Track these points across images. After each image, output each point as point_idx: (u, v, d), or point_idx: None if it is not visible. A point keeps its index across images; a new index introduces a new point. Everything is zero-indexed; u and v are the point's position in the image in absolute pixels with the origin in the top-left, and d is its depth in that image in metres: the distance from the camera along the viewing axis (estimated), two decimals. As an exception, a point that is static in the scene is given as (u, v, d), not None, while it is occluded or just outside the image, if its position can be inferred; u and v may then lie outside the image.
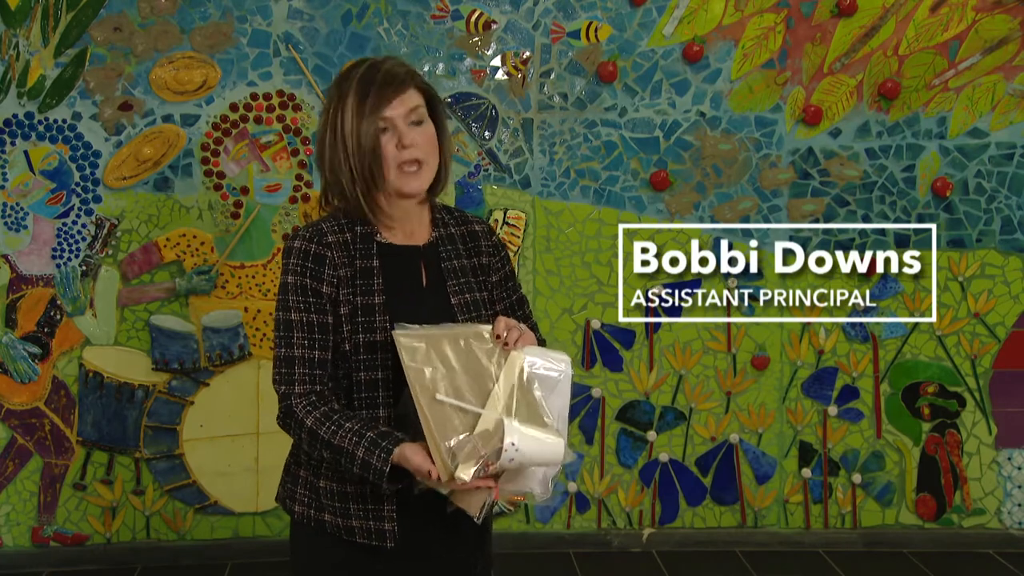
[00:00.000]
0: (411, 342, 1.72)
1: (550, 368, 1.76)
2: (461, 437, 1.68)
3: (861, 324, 3.87)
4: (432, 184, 1.91)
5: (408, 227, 1.92)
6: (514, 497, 1.76)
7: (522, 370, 1.73)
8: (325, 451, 1.78)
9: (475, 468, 1.65)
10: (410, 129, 1.83)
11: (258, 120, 3.66)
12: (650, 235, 3.82)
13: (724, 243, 3.83)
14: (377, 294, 1.84)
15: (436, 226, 1.95)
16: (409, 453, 1.71)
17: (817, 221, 3.84)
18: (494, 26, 3.71)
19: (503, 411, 1.70)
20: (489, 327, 1.77)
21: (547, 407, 1.73)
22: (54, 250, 3.64)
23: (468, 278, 1.92)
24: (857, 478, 3.91)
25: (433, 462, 1.68)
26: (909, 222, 3.84)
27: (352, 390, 1.84)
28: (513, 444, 1.64)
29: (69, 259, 3.65)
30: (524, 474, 1.71)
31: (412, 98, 1.84)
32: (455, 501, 1.75)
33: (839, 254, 3.85)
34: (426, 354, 1.72)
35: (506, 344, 1.75)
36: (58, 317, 3.66)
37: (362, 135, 1.80)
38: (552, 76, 3.75)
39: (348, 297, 1.84)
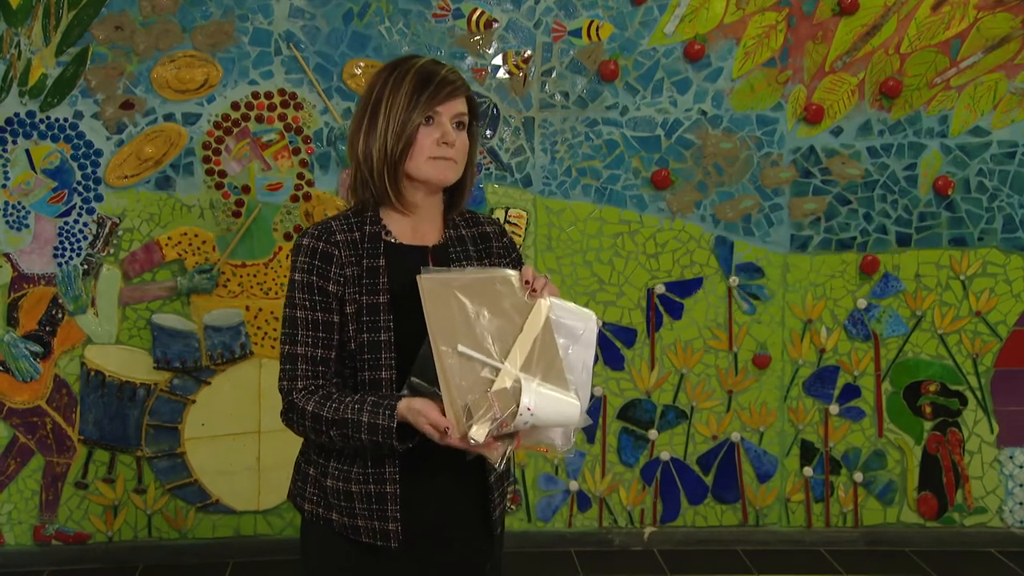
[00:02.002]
0: (434, 286, 1.70)
1: (576, 319, 1.75)
2: (477, 395, 1.66)
3: (862, 322, 3.87)
4: (456, 194, 1.95)
5: (420, 225, 1.93)
6: (537, 447, 1.75)
7: (547, 320, 1.72)
8: (332, 430, 1.78)
9: (489, 428, 1.64)
10: (454, 130, 1.88)
11: (259, 119, 3.67)
12: (651, 234, 3.82)
13: (725, 242, 3.83)
14: (382, 293, 1.84)
15: (447, 227, 1.96)
16: (422, 408, 1.70)
17: (819, 220, 3.84)
18: (495, 25, 3.71)
19: (522, 367, 1.68)
20: (517, 273, 1.78)
21: (571, 360, 1.73)
22: (56, 249, 3.65)
23: None
24: (858, 477, 3.91)
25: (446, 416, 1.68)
26: (911, 221, 3.84)
27: (357, 390, 1.85)
28: (529, 409, 1.62)
29: (71, 258, 3.65)
30: (544, 427, 1.70)
31: (461, 104, 1.89)
32: (475, 449, 1.72)
33: (841, 253, 3.85)
34: (448, 301, 1.70)
35: (533, 290, 1.76)
36: (60, 316, 3.67)
37: (407, 121, 1.83)
38: (553, 75, 3.75)
39: (354, 296, 1.84)
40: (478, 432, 1.63)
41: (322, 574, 1.93)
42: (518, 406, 1.62)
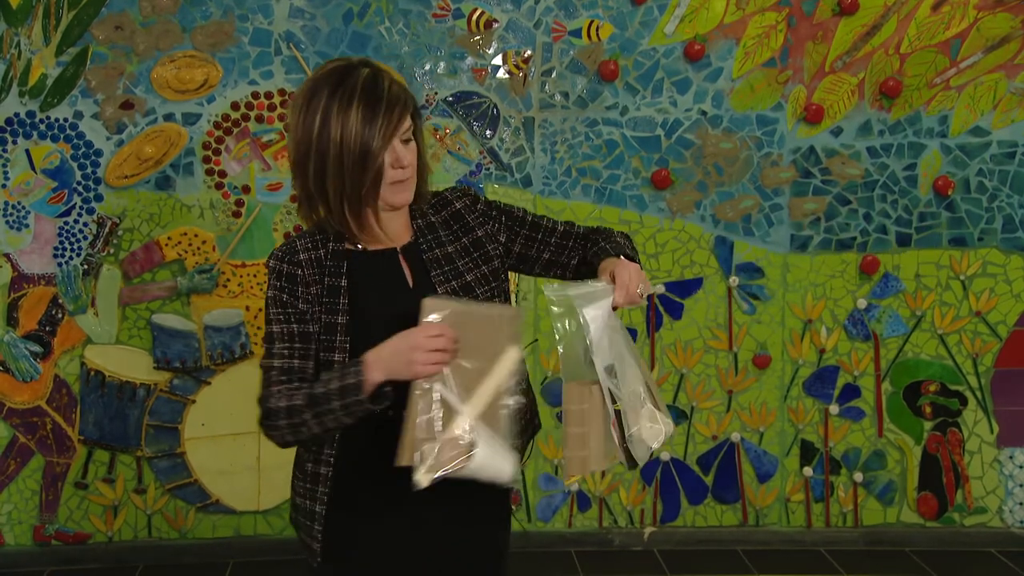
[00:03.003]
0: (431, 313, 1.69)
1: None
2: (426, 435, 1.67)
3: (862, 323, 3.87)
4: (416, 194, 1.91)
5: (388, 227, 1.86)
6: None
7: (511, 370, 1.71)
8: (307, 415, 1.72)
9: (433, 477, 1.65)
10: (404, 149, 1.80)
11: (259, 119, 3.67)
12: (651, 234, 3.82)
13: (725, 242, 3.83)
14: (341, 313, 1.81)
15: (414, 217, 1.91)
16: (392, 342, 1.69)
17: (819, 220, 3.84)
18: (495, 25, 3.71)
19: (478, 418, 1.68)
20: (519, 312, 1.75)
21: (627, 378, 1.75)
22: (56, 249, 3.65)
23: (456, 263, 1.88)
24: (858, 477, 3.91)
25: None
26: (911, 221, 3.84)
27: None
28: (469, 463, 1.64)
29: (71, 258, 3.65)
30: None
31: (407, 119, 1.80)
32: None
33: (841, 253, 3.85)
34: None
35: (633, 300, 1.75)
36: (60, 316, 3.67)
37: (369, 156, 1.74)
38: (553, 75, 3.75)
39: (318, 315, 1.81)
40: (423, 478, 1.64)
41: None
42: (463, 457, 1.64)
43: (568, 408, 1.78)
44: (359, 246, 1.86)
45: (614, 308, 1.75)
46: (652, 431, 1.79)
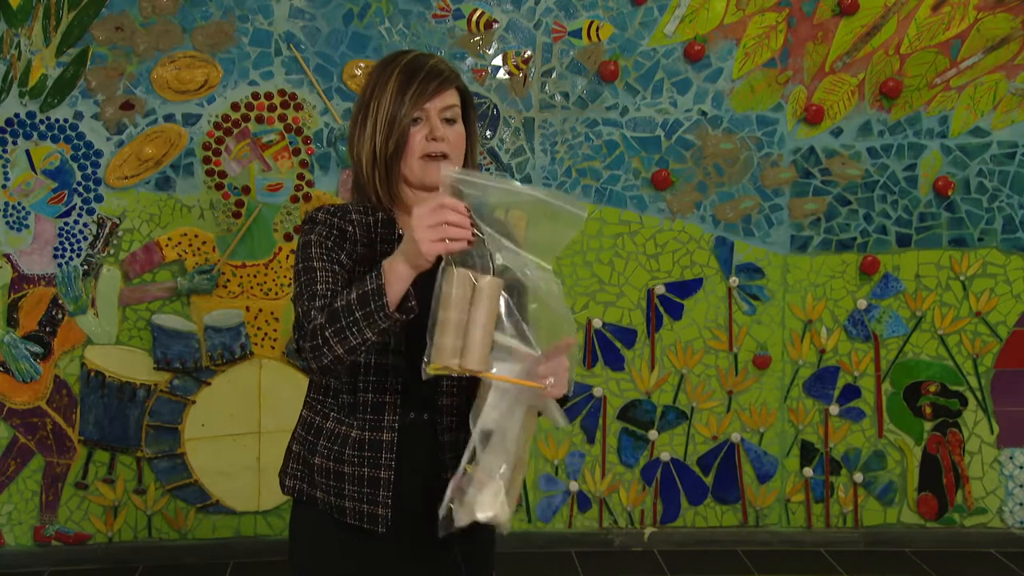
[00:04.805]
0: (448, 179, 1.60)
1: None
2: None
3: (863, 323, 3.87)
4: None
5: None
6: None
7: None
8: (328, 331, 1.63)
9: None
10: (442, 124, 1.84)
11: (259, 119, 3.67)
12: (651, 234, 3.82)
13: (726, 242, 3.83)
14: None
15: None
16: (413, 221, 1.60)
17: (819, 220, 3.84)
18: (495, 25, 3.71)
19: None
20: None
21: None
22: (56, 249, 3.65)
23: None
24: (859, 477, 3.91)
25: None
26: (911, 221, 3.84)
27: (359, 372, 1.82)
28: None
29: (71, 258, 3.65)
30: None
31: (451, 96, 1.85)
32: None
33: (841, 253, 3.85)
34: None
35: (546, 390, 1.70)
36: (60, 316, 3.66)
37: (396, 120, 1.81)
38: (553, 75, 3.75)
39: (363, 276, 1.77)
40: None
41: (303, 549, 1.92)
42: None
43: (447, 292, 1.59)
44: (402, 229, 1.86)
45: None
46: (485, 502, 1.67)
